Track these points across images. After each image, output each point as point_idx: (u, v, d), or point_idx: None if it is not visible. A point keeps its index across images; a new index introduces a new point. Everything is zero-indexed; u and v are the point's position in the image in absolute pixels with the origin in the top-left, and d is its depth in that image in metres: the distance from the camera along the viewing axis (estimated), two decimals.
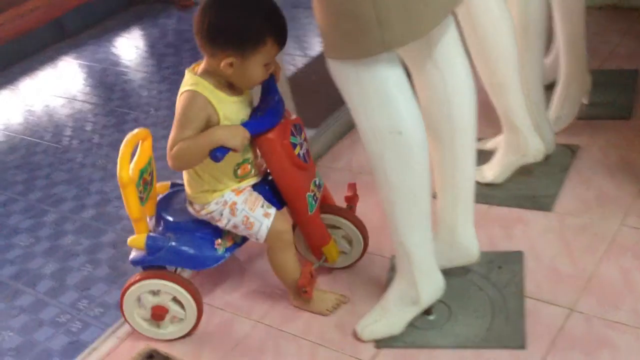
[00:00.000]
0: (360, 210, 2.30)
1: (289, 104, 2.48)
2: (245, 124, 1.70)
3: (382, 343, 1.81)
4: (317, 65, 3.50)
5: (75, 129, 3.49)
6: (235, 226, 1.84)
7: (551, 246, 1.99)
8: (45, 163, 3.23)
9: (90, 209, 2.82)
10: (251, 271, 2.19)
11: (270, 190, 1.87)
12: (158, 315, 1.91)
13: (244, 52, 1.62)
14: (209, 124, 1.68)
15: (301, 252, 2.06)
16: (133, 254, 1.91)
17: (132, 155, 1.83)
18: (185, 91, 1.67)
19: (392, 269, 2.01)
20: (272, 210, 1.83)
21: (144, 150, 1.88)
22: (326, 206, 1.99)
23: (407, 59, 1.68)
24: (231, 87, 1.72)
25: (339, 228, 2.01)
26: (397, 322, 1.80)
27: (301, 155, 1.81)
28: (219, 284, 2.16)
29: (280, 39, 1.66)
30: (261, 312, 2.01)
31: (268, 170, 1.87)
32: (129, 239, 1.88)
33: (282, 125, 1.77)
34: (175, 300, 1.91)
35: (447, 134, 1.71)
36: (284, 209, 1.90)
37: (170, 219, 1.90)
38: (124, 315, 1.95)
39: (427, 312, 1.83)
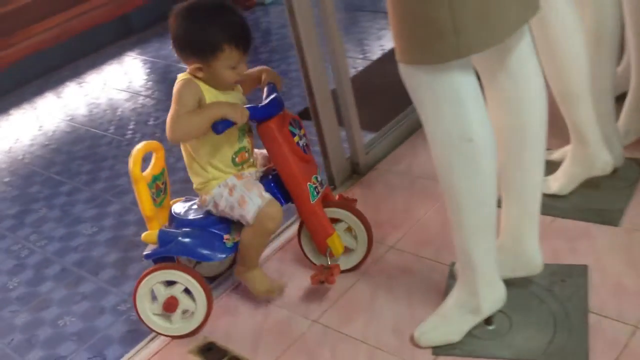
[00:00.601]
0: (419, 216, 2.31)
1: (350, 107, 2.50)
2: (247, 107, 1.85)
3: (440, 350, 1.80)
4: (378, 68, 3.52)
5: (138, 122, 3.57)
6: (231, 207, 1.93)
7: (617, 261, 1.95)
8: (110, 155, 3.31)
9: None
10: (309, 269, 2.20)
11: (276, 186, 1.98)
12: (170, 305, 1.97)
13: (205, 60, 1.81)
14: (201, 105, 1.84)
15: (307, 255, 2.14)
16: (146, 250, 2.01)
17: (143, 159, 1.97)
18: (181, 79, 1.87)
19: (451, 276, 2.00)
20: (268, 196, 1.93)
21: (158, 161, 2.04)
22: (328, 201, 2.08)
23: (479, 66, 1.67)
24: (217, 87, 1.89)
25: (341, 221, 2.07)
26: (456, 330, 1.79)
27: (300, 145, 1.95)
28: (279, 278, 2.18)
29: (238, 45, 1.81)
30: (318, 312, 2.02)
31: (271, 166, 2.01)
32: (143, 235, 1.99)
33: (281, 116, 1.93)
34: (186, 292, 1.98)
35: (516, 144, 1.69)
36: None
37: (182, 217, 2.02)
38: (136, 308, 2.00)
39: (487, 321, 1.81)
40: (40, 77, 4.30)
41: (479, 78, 1.61)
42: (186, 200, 2.11)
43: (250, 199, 1.91)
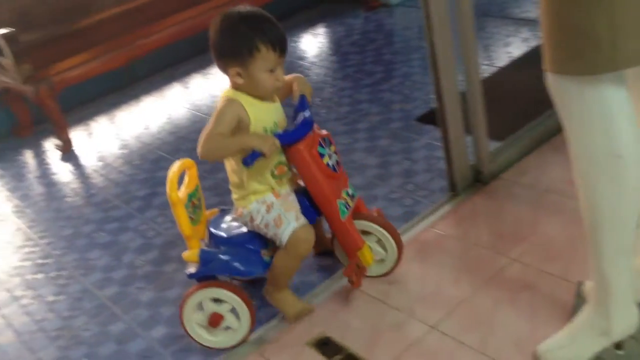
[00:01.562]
0: (547, 232, 2.24)
1: (478, 112, 2.46)
2: (275, 135, 1.93)
3: None
4: (505, 75, 3.44)
5: None
6: (267, 224, 1.99)
7: None
8: None
9: None
10: (427, 274, 2.19)
11: (308, 201, 2.05)
12: (214, 321, 2.05)
13: (243, 62, 1.87)
14: (240, 125, 1.91)
15: (340, 260, 2.22)
16: (189, 269, 2.07)
17: (179, 180, 2.05)
18: (223, 97, 1.94)
19: (579, 295, 1.93)
20: (303, 219, 2.00)
21: (191, 178, 2.12)
22: (357, 214, 2.13)
23: (631, 80, 1.60)
24: (260, 97, 1.94)
25: (370, 233, 2.13)
26: (583, 352, 1.73)
27: (330, 164, 2.02)
28: (393, 283, 2.19)
29: (274, 45, 1.87)
30: (436, 318, 2.01)
31: (301, 184, 2.07)
32: (184, 254, 2.06)
33: (311, 137, 1.98)
34: (232, 310, 2.05)
35: None
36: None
37: (220, 235, 2.08)
38: (181, 317, 2.07)
39: (617, 346, 1.74)
40: (169, 67, 4.49)
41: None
42: (221, 214, 2.18)
43: (286, 219, 1.97)
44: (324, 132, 2.06)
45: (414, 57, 3.91)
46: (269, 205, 1.99)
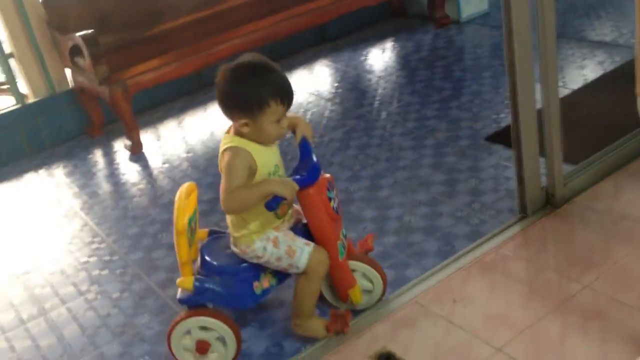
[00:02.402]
0: (620, 259, 2.18)
1: (555, 133, 2.41)
2: (294, 179, 1.96)
3: None
4: (579, 98, 3.36)
5: (327, 127, 3.66)
6: (278, 258, 2.02)
7: None
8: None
9: None
10: (493, 295, 2.15)
11: (305, 236, 2.07)
12: (201, 348, 2.09)
13: (252, 115, 1.90)
14: (251, 173, 1.94)
15: (327, 299, 2.24)
16: (180, 294, 2.11)
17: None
18: (227, 149, 1.95)
19: None
20: (312, 243, 2.03)
21: (192, 202, 2.13)
22: (349, 255, 2.17)
23: None
24: (262, 142, 1.97)
25: (355, 270, 2.18)
26: None
27: (334, 208, 2.06)
28: (458, 302, 2.15)
29: (284, 100, 1.90)
30: (503, 340, 1.96)
31: (300, 219, 2.12)
32: (178, 281, 2.09)
33: (320, 181, 2.02)
34: (219, 337, 2.08)
35: None
36: None
37: (214, 263, 2.11)
38: (169, 346, 2.11)
39: None
40: None
41: None
42: (214, 239, 2.20)
43: (298, 248, 2.01)
44: (328, 175, 2.10)
45: (485, 76, 3.86)
46: (274, 241, 2.02)
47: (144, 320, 2.44)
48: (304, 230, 2.10)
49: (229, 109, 1.94)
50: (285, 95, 1.91)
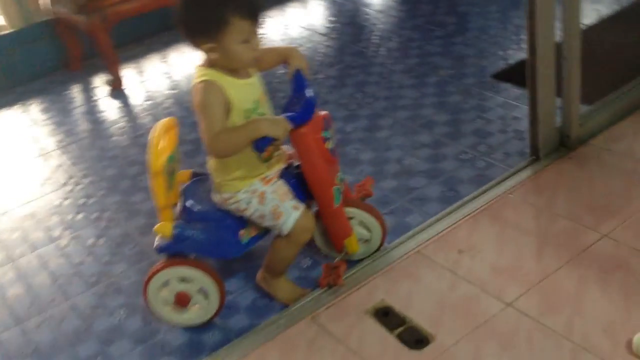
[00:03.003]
0: None
1: (574, 69, 2.19)
2: (286, 116, 1.74)
3: None
4: (593, 35, 3.12)
5: (322, 64, 3.41)
6: (262, 215, 1.83)
7: None
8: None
9: None
10: (504, 245, 1.96)
11: (296, 182, 1.89)
12: (182, 301, 1.91)
13: (215, 36, 1.67)
14: (226, 108, 1.72)
15: (320, 247, 2.06)
16: (158, 241, 1.90)
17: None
18: (197, 83, 1.73)
19: None
20: (301, 206, 1.85)
21: (171, 139, 1.89)
22: (346, 200, 1.97)
23: None
24: (237, 71, 1.75)
25: (352, 218, 1.99)
26: None
27: (331, 149, 1.86)
28: (465, 252, 1.96)
29: (247, 14, 1.66)
30: (514, 294, 1.78)
31: (292, 162, 1.91)
32: (156, 227, 1.87)
33: (315, 120, 1.81)
34: (200, 289, 1.90)
35: None
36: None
37: (196, 208, 1.91)
38: (145, 298, 1.91)
39: None
40: None
41: None
42: (196, 182, 1.98)
43: (285, 211, 1.82)
44: (324, 112, 1.88)
45: (491, 10, 3.60)
46: (260, 196, 1.81)
47: (120, 269, 2.24)
48: (296, 175, 1.89)
49: (190, 34, 1.71)
50: (248, 9, 1.67)
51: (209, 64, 1.74)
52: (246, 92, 1.77)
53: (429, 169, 2.44)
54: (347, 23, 3.85)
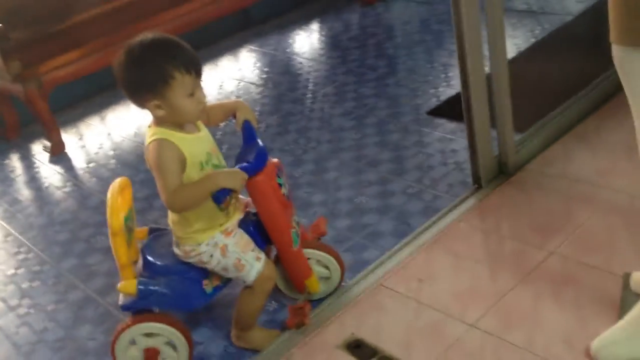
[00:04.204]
0: (582, 222, 2.14)
1: (504, 99, 2.35)
2: (241, 167, 1.81)
3: None
4: (515, 68, 3.32)
5: (262, 113, 3.50)
6: (225, 268, 1.88)
7: None
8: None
9: None
10: (459, 270, 2.06)
11: (255, 230, 1.95)
12: (150, 357, 1.93)
13: (160, 92, 1.71)
14: (181, 165, 1.76)
15: (283, 290, 2.12)
16: (122, 300, 1.93)
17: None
18: (150, 143, 1.77)
19: (627, 287, 1.82)
20: (263, 256, 1.90)
21: (126, 199, 1.94)
22: (304, 242, 2.03)
23: None
24: (186, 126, 1.80)
25: (310, 258, 2.04)
26: None
27: (285, 194, 1.93)
28: (424, 280, 2.05)
29: (188, 69, 1.71)
30: (475, 316, 1.87)
31: (249, 210, 1.96)
32: (120, 285, 1.90)
33: (269, 167, 1.88)
34: (168, 342, 1.93)
35: None
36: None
37: (158, 262, 1.94)
38: (113, 355, 1.94)
39: None
40: None
41: None
42: (155, 237, 2.04)
43: (247, 262, 1.87)
44: (275, 160, 1.96)
45: (417, 51, 3.79)
46: (222, 248, 1.85)
47: (85, 332, 2.23)
48: (253, 222, 1.95)
49: (134, 94, 1.75)
50: (190, 63, 1.72)
51: (158, 123, 1.78)
52: (198, 146, 1.81)
53: (380, 205, 2.54)
54: (281, 72, 3.97)
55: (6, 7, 3.58)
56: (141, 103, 1.76)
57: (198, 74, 1.75)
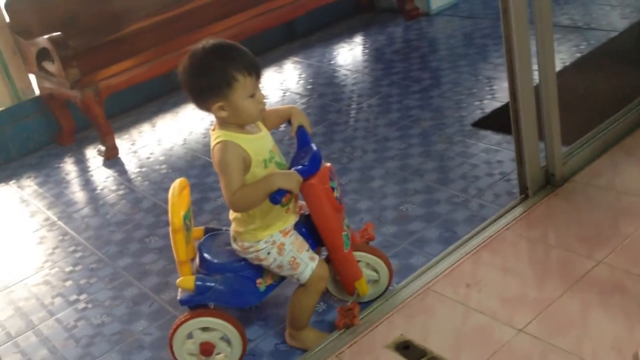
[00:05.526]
0: (630, 233, 2.16)
1: (553, 111, 2.38)
2: (296, 169, 1.87)
3: None
4: (562, 82, 3.35)
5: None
6: (280, 266, 1.94)
7: None
8: None
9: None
10: (507, 277, 2.10)
11: (307, 231, 2.01)
12: (206, 350, 2.01)
13: (223, 94, 1.80)
14: (245, 164, 1.85)
15: (332, 292, 2.19)
16: (181, 294, 2.01)
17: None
18: (216, 145, 1.85)
19: None
20: (317, 256, 1.97)
21: (185, 199, 2.03)
22: (354, 245, 2.09)
23: None
24: (247, 127, 1.89)
25: (360, 261, 2.10)
26: None
27: (338, 197, 1.97)
28: (472, 286, 2.09)
29: (249, 71, 1.81)
30: (524, 321, 1.91)
31: (302, 212, 2.03)
32: (178, 281, 1.99)
33: (322, 171, 1.93)
34: (223, 337, 2.00)
35: None
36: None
37: (215, 260, 2.03)
38: (171, 350, 2.01)
39: None
40: None
41: None
42: (211, 236, 2.11)
43: (302, 262, 1.94)
44: (328, 164, 2.01)
45: (461, 64, 3.84)
46: (279, 247, 1.93)
47: (141, 327, 2.32)
48: (306, 224, 2.02)
49: (200, 97, 1.84)
50: (251, 66, 1.81)
51: (221, 125, 1.88)
52: (260, 145, 1.90)
53: (425, 213, 2.59)
54: (326, 84, 4.05)
55: (65, 17, 3.75)
56: (205, 106, 1.85)
57: (258, 76, 1.84)
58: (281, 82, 4.18)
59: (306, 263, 1.94)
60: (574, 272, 2.04)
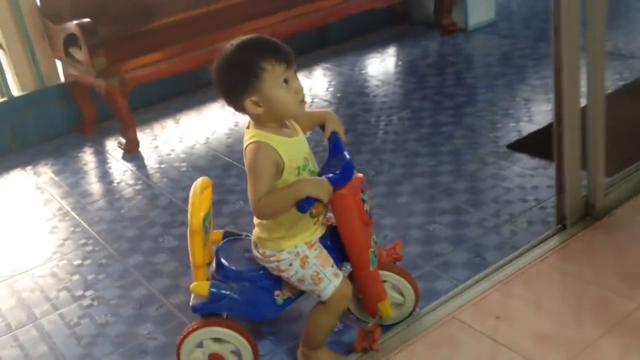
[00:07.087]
0: None
1: (598, 139, 2.25)
2: (327, 177, 1.75)
3: None
4: (612, 105, 3.22)
5: None
6: (301, 279, 1.82)
7: None
8: None
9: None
10: (541, 311, 1.96)
11: (332, 244, 1.88)
12: None
13: (254, 86, 1.69)
14: (278, 170, 1.73)
15: (352, 311, 2.05)
16: (193, 300, 1.89)
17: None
18: (249, 145, 1.73)
19: None
20: (341, 273, 1.85)
21: (206, 199, 1.93)
22: (380, 263, 1.97)
23: None
24: (285, 128, 1.77)
25: (385, 281, 1.98)
26: None
27: (368, 211, 1.85)
28: (502, 318, 1.96)
29: (277, 59, 1.68)
30: None
31: (329, 224, 1.90)
32: (192, 286, 1.87)
33: (354, 181, 1.81)
34: (234, 351, 1.89)
35: None
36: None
37: (232, 267, 1.91)
38: (178, 356, 1.90)
39: None
40: None
41: None
42: (230, 241, 1.99)
43: (326, 277, 1.81)
44: (360, 175, 1.88)
45: (498, 84, 3.71)
46: (303, 259, 1.80)
47: (146, 330, 2.20)
48: (332, 236, 1.89)
49: (231, 95, 1.73)
50: (278, 53, 1.68)
51: (257, 124, 1.75)
52: (296, 150, 1.77)
53: (453, 235, 2.46)
54: (356, 93, 3.93)
55: (96, 4, 3.67)
56: (239, 104, 1.73)
57: (289, 64, 1.70)
58: (310, 88, 4.07)
59: (329, 279, 1.81)
60: (612, 313, 1.90)
